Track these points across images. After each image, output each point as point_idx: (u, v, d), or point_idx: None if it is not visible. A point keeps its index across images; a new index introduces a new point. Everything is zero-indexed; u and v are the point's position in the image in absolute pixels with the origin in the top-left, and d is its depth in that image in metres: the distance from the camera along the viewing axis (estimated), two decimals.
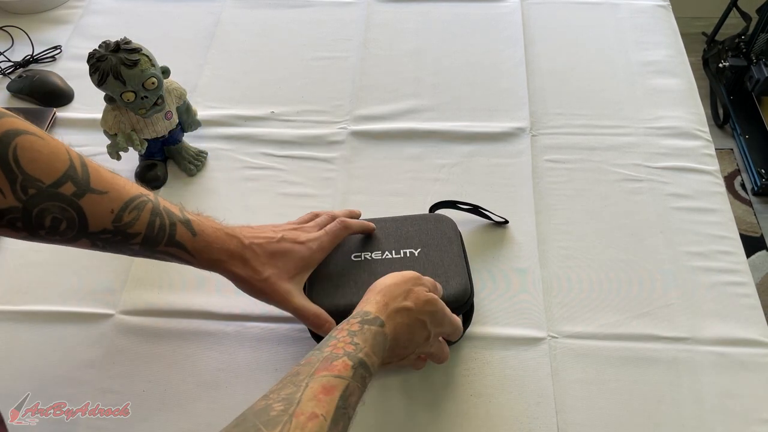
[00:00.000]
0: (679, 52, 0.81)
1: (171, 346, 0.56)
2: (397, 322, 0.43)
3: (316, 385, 0.36)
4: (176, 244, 0.47)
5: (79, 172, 0.43)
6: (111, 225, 0.44)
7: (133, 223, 0.45)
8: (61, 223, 0.43)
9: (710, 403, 0.52)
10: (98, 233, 0.44)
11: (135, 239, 0.46)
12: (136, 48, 0.59)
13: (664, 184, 0.67)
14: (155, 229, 0.46)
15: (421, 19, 0.86)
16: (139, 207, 0.46)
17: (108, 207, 0.44)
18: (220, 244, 0.48)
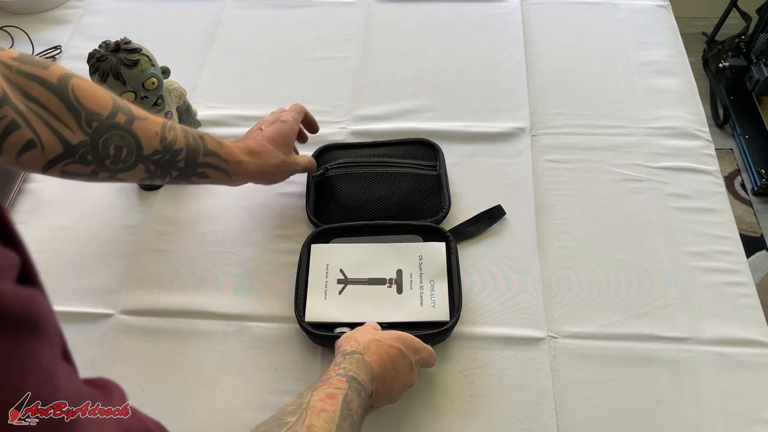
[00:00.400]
0: (679, 52, 0.81)
1: (171, 346, 0.57)
2: (374, 352, 0.46)
3: (320, 393, 0.41)
4: (211, 153, 0.53)
5: (122, 104, 0.49)
6: (160, 145, 0.50)
7: (175, 140, 0.51)
8: (122, 150, 0.48)
9: (710, 403, 0.52)
10: (151, 155, 0.50)
11: (180, 155, 0.51)
12: (136, 48, 0.59)
13: (664, 184, 0.67)
14: (192, 143, 0.52)
15: (421, 19, 0.86)
16: (173, 128, 0.52)
17: (153, 129, 0.50)
18: (236, 145, 0.56)
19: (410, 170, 0.65)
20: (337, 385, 0.42)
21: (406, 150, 0.68)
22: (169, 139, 0.51)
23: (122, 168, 0.49)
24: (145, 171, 0.50)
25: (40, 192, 0.69)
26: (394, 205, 0.63)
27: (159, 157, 0.50)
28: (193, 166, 0.53)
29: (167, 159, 0.51)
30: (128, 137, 0.48)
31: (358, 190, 0.64)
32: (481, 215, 0.64)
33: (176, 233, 0.65)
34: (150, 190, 0.68)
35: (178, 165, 0.52)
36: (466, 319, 0.57)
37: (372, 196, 0.63)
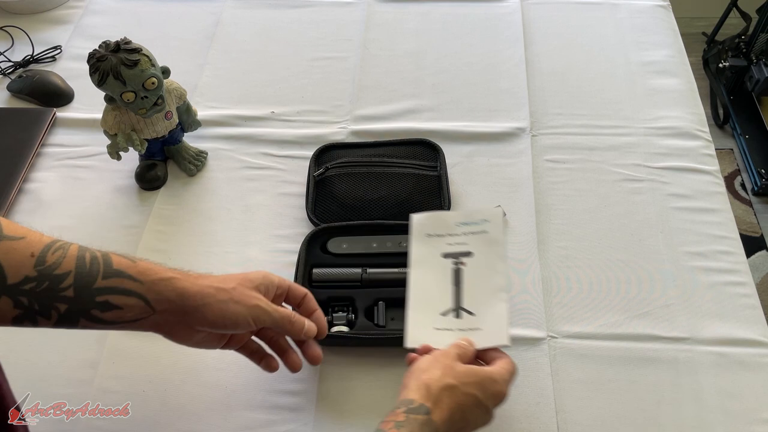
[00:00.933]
0: (679, 52, 0.81)
1: (171, 346, 0.56)
2: (445, 406, 0.40)
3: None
4: (116, 274, 0.41)
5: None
6: (33, 270, 0.39)
7: (59, 263, 0.40)
8: None
9: (710, 403, 0.52)
10: (19, 284, 0.39)
11: (65, 281, 0.40)
12: (136, 48, 0.59)
13: (664, 184, 0.67)
14: (87, 263, 0.41)
15: (421, 20, 0.86)
16: (63, 247, 0.41)
17: (27, 251, 0.40)
18: (166, 268, 0.44)
19: (410, 170, 0.65)
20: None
21: (406, 150, 0.68)
22: (50, 261, 0.40)
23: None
24: (15, 306, 0.39)
25: (40, 192, 0.69)
26: (394, 205, 0.63)
27: (32, 286, 0.39)
28: (88, 293, 0.40)
29: (45, 288, 0.39)
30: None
31: (358, 189, 0.64)
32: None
33: (176, 233, 0.65)
34: (150, 190, 0.68)
35: (64, 294, 0.40)
36: None
37: (372, 196, 0.63)
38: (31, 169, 0.70)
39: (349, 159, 0.67)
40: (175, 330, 0.45)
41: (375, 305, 0.56)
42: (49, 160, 0.72)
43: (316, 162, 0.67)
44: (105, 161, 0.67)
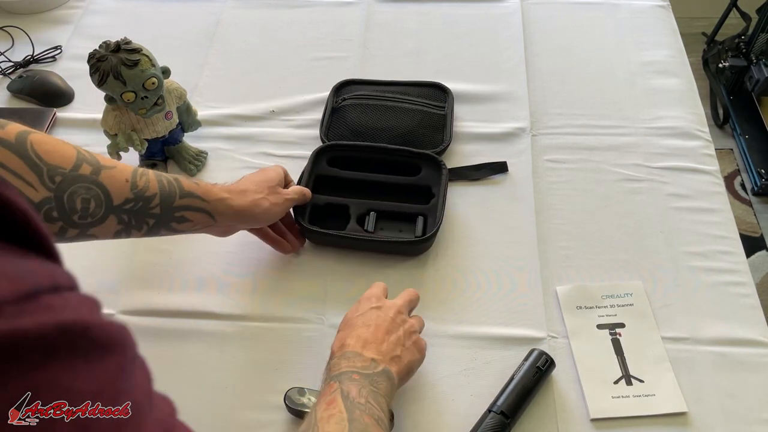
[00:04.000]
0: (679, 52, 0.81)
1: (171, 346, 0.56)
2: (348, 332, 0.48)
3: (321, 405, 0.42)
4: (188, 194, 0.51)
5: (87, 155, 0.47)
6: (131, 193, 0.48)
7: (147, 187, 0.49)
8: (89, 202, 0.46)
9: (710, 403, 0.52)
10: (122, 205, 0.47)
11: (153, 201, 0.49)
12: (137, 48, 0.59)
13: (664, 184, 0.67)
14: (166, 186, 0.50)
15: (421, 20, 0.86)
16: (144, 173, 0.50)
17: (122, 177, 0.48)
18: (215, 185, 0.53)
19: (419, 107, 0.71)
20: (331, 390, 0.42)
21: (419, 90, 0.74)
22: (141, 185, 0.48)
23: (92, 222, 0.46)
24: (118, 222, 0.48)
25: None
26: (399, 135, 0.68)
27: (131, 206, 0.48)
28: (170, 210, 0.50)
29: (140, 207, 0.48)
30: (95, 189, 0.46)
31: (369, 118, 0.70)
32: (483, 165, 0.67)
33: None
34: None
35: (153, 212, 0.49)
36: (466, 319, 0.57)
37: (380, 126, 0.69)
38: None
39: (365, 92, 0.72)
40: (223, 231, 0.56)
41: (367, 214, 0.61)
42: None
43: (335, 94, 0.74)
44: None
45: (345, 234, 0.60)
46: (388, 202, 0.63)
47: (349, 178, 0.65)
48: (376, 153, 0.67)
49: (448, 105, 0.72)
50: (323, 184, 0.64)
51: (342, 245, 0.61)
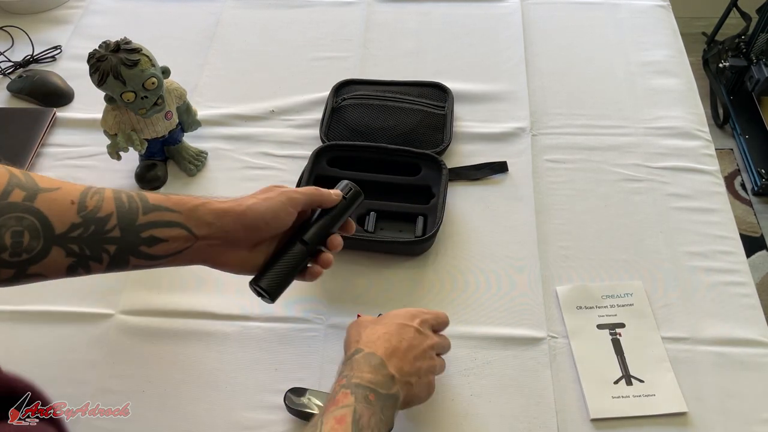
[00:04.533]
0: (679, 52, 0.81)
1: (171, 346, 0.56)
2: (375, 339, 0.45)
3: (330, 421, 0.39)
4: (155, 208, 0.42)
5: (23, 178, 0.40)
6: (77, 216, 0.40)
7: (99, 206, 0.41)
8: (22, 235, 0.38)
9: (710, 403, 0.52)
10: (67, 233, 0.39)
11: (109, 222, 0.41)
12: (136, 48, 0.59)
13: (664, 184, 0.67)
14: (126, 203, 0.42)
15: (421, 19, 0.86)
16: (99, 191, 0.42)
17: (66, 199, 0.40)
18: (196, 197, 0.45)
19: (419, 107, 0.71)
20: (344, 403, 0.40)
21: (419, 90, 0.74)
22: (91, 206, 0.40)
23: (29, 258, 0.38)
24: (67, 255, 0.40)
25: None
26: (399, 135, 0.68)
27: (80, 233, 0.40)
28: (133, 231, 0.41)
29: (93, 232, 0.40)
30: (29, 217, 0.38)
31: (369, 118, 0.70)
32: (483, 165, 0.67)
33: None
34: (151, 190, 0.68)
35: (112, 236, 0.41)
36: (466, 319, 0.57)
37: (380, 125, 0.69)
38: (31, 169, 0.70)
39: (365, 92, 0.72)
40: (218, 254, 0.46)
41: (367, 214, 0.62)
42: (49, 160, 0.72)
43: (335, 94, 0.74)
44: (105, 161, 0.67)
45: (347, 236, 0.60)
46: (388, 202, 0.63)
47: (349, 178, 0.64)
48: (376, 153, 0.67)
49: (448, 105, 0.72)
50: (323, 184, 0.64)
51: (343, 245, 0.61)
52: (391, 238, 0.61)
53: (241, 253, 0.47)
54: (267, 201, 0.46)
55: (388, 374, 0.43)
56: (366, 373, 0.43)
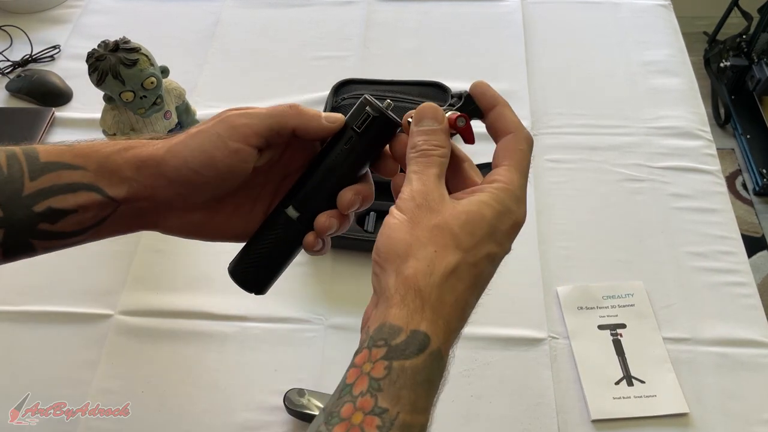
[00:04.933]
0: (680, 52, 0.81)
1: (170, 347, 0.56)
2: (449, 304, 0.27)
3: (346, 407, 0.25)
4: (47, 168, 0.30)
5: None
6: None
7: None
8: None
9: (711, 404, 0.52)
10: None
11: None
12: (135, 47, 0.58)
13: (665, 184, 0.67)
14: (4, 167, 0.31)
15: (421, 19, 0.86)
16: None
17: None
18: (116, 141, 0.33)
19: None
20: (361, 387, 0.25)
21: (419, 90, 0.73)
22: None
23: None
24: None
25: None
26: None
27: None
28: (21, 206, 0.30)
29: None
30: None
31: None
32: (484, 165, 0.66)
33: None
34: None
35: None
36: None
37: None
38: None
39: (365, 92, 0.71)
40: (163, 219, 0.34)
41: (367, 214, 0.61)
42: None
43: (335, 93, 0.73)
44: None
45: (345, 234, 0.60)
46: (388, 201, 0.62)
47: None
48: None
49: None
50: None
51: (342, 246, 0.61)
52: None
53: (194, 217, 0.34)
54: (196, 137, 0.31)
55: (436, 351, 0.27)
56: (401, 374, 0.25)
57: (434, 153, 0.30)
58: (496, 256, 0.29)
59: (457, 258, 0.27)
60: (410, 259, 0.27)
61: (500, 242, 0.29)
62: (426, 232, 0.28)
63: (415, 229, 0.28)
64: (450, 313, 0.27)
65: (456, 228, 0.28)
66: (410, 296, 0.26)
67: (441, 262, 0.27)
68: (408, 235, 0.28)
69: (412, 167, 0.30)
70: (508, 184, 0.30)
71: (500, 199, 0.29)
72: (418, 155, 0.30)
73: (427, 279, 0.27)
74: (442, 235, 0.27)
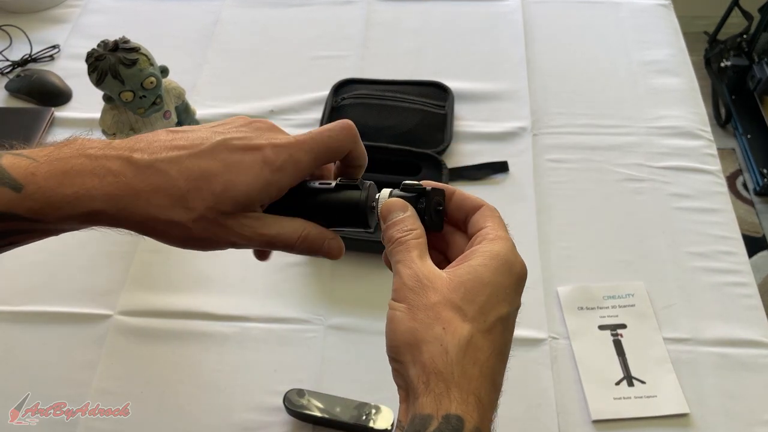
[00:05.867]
0: (680, 51, 0.81)
1: (170, 347, 0.56)
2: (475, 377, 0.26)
3: None
4: None
5: None
6: None
7: None
8: None
9: (712, 404, 0.51)
10: None
11: None
12: (135, 47, 0.58)
13: (666, 184, 0.67)
14: None
15: (421, 18, 0.86)
16: None
17: None
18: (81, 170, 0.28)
19: (419, 107, 0.71)
20: None
21: (420, 90, 0.74)
22: None
23: None
24: None
25: None
26: (399, 135, 0.68)
27: None
28: None
29: None
30: None
31: (369, 118, 0.70)
32: (484, 164, 0.67)
33: None
34: None
35: None
36: None
37: (380, 125, 0.69)
38: None
39: (365, 92, 0.72)
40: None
41: None
42: None
43: (335, 93, 0.74)
44: None
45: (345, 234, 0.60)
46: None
47: None
48: (375, 152, 0.66)
49: (449, 104, 0.72)
50: None
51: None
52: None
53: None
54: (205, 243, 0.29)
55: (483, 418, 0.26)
56: None
57: (408, 237, 0.30)
58: (508, 317, 0.28)
59: (468, 329, 0.26)
60: (422, 344, 0.26)
61: (509, 301, 0.28)
62: (428, 312, 0.27)
63: (416, 313, 0.27)
64: (478, 387, 0.26)
65: (457, 300, 0.27)
66: (433, 381, 0.25)
67: (453, 338, 0.26)
68: (411, 321, 0.27)
69: (394, 258, 0.30)
70: (500, 237, 0.30)
71: (495, 254, 0.29)
72: (394, 245, 0.30)
73: (444, 358, 0.26)
74: (445, 311, 0.27)
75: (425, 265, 0.29)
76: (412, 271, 0.28)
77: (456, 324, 0.26)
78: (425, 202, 0.32)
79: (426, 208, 0.32)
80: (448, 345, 0.26)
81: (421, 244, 0.30)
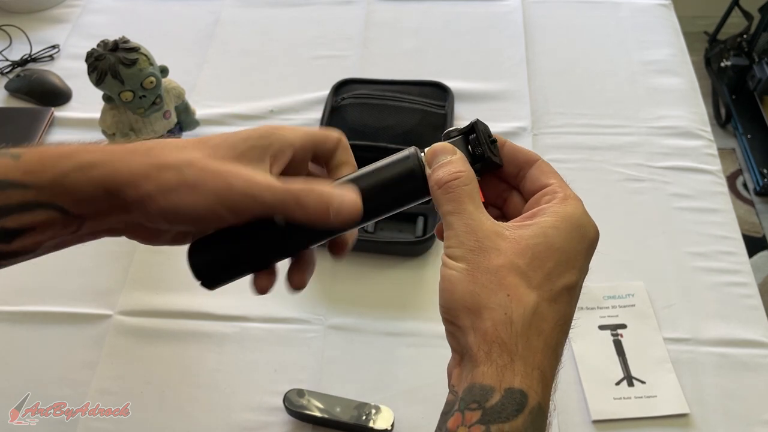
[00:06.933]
0: (680, 51, 0.81)
1: (170, 347, 0.56)
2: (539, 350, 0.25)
3: None
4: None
5: None
6: None
7: None
8: None
9: (712, 404, 0.51)
10: None
11: None
12: (135, 47, 0.58)
13: (666, 184, 0.67)
14: None
15: (421, 18, 0.85)
16: None
17: None
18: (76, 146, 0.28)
19: (419, 106, 0.71)
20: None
21: (420, 90, 0.74)
22: None
23: None
24: None
25: None
26: (399, 135, 0.68)
27: None
28: None
29: None
30: None
31: (369, 117, 0.70)
32: None
33: None
34: None
35: None
36: None
37: (380, 125, 0.69)
38: None
39: (365, 92, 0.72)
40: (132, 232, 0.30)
41: None
42: None
43: (335, 93, 0.74)
44: None
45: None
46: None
47: None
48: (375, 152, 0.66)
49: (449, 104, 0.72)
50: None
51: None
52: (391, 239, 0.60)
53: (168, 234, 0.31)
54: (189, 193, 0.27)
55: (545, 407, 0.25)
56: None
57: (458, 182, 0.27)
58: (576, 285, 0.26)
59: (534, 297, 0.25)
60: (483, 310, 0.25)
61: (579, 267, 0.27)
62: (491, 276, 0.25)
63: (477, 276, 0.25)
64: (542, 361, 0.24)
65: (523, 266, 0.25)
66: (495, 351, 0.24)
67: (518, 307, 0.24)
68: (471, 284, 0.25)
69: (444, 207, 0.27)
70: (571, 196, 0.27)
71: (567, 216, 0.27)
72: (443, 191, 0.27)
73: (509, 329, 0.24)
74: (510, 277, 0.25)
75: (484, 221, 0.26)
76: (469, 227, 0.26)
77: (521, 291, 0.24)
78: (476, 135, 0.29)
79: (478, 142, 0.29)
80: (513, 314, 0.24)
81: (473, 190, 0.27)
